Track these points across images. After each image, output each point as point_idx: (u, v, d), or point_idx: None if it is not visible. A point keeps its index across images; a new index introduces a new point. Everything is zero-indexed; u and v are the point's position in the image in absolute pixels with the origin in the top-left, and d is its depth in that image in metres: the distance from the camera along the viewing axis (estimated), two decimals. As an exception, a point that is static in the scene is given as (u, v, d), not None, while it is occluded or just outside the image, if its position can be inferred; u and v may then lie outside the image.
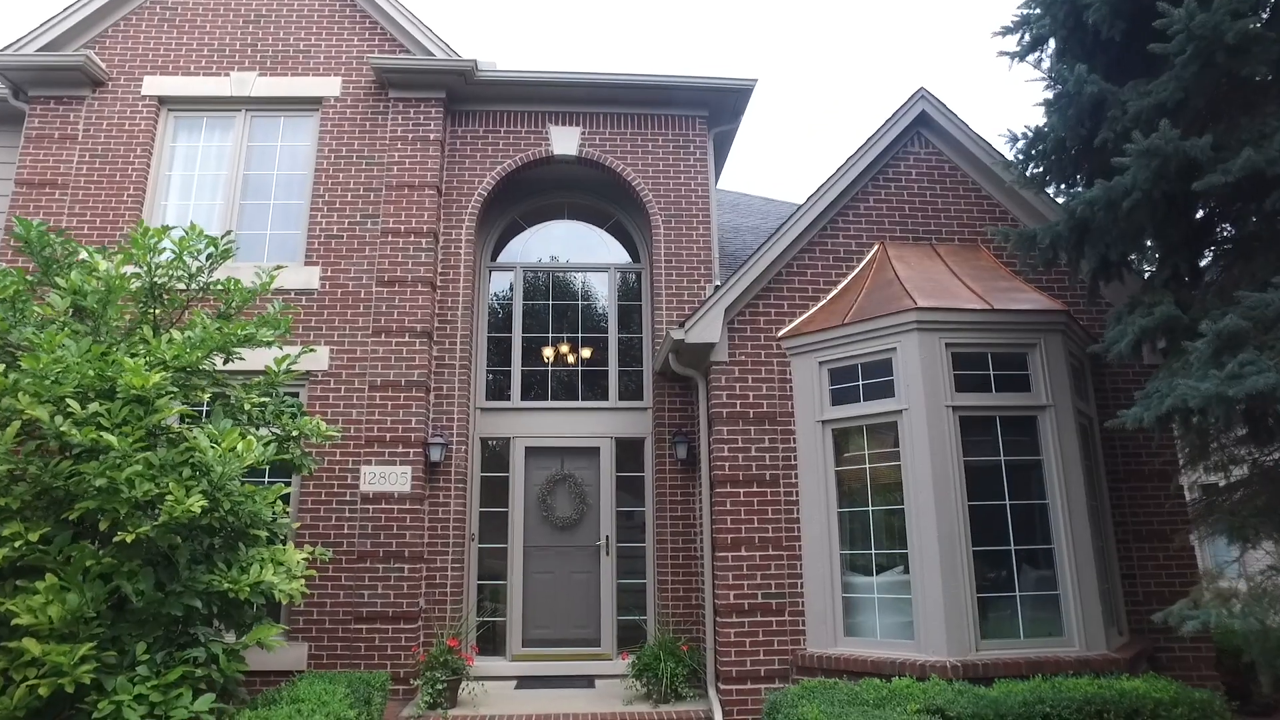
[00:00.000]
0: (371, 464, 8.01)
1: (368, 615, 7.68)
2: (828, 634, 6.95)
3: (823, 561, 7.09)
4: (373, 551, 7.81)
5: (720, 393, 7.52)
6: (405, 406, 8.15)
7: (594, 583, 8.75)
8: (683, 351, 7.73)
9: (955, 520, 6.57)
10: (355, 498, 7.96)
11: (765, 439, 7.45)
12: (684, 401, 8.69)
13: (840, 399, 7.33)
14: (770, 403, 7.53)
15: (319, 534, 7.84)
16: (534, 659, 8.48)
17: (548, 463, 9.04)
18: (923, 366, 6.85)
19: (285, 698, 5.65)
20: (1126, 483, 7.67)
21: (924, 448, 6.70)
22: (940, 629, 6.36)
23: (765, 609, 7.10)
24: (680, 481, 8.48)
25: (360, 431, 8.10)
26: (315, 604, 7.71)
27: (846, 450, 7.30)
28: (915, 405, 6.81)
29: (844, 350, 7.30)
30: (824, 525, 7.15)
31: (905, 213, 8.20)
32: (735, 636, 7.04)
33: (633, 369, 9.42)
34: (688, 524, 8.40)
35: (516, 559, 8.72)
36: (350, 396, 8.19)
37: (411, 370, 8.25)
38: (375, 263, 8.55)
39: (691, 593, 8.25)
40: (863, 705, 5.32)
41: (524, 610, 8.64)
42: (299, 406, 6.46)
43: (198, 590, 5.10)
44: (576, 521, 8.88)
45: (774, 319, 7.75)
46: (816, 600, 7.06)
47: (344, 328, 8.36)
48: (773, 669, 7.00)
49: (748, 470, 7.37)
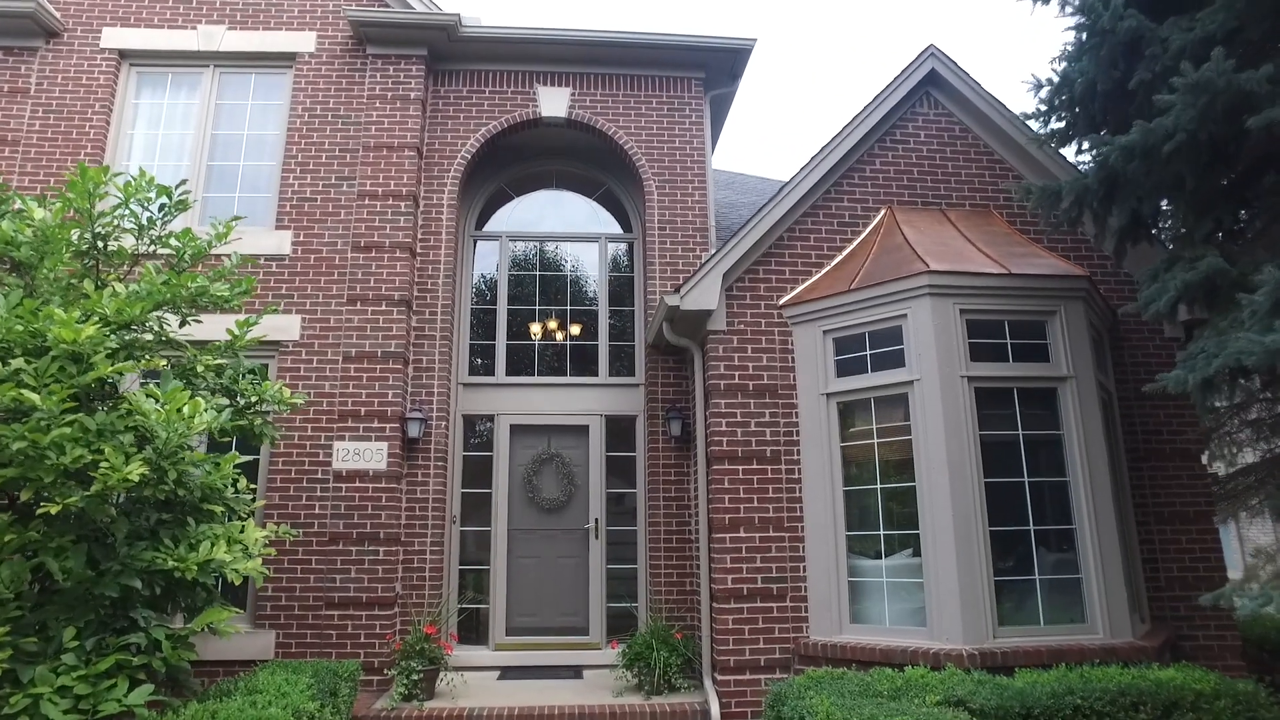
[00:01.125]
0: (345, 440, 7.42)
1: (340, 601, 7.10)
2: (832, 621, 6.41)
3: (827, 543, 6.55)
4: (346, 533, 7.23)
5: (718, 364, 6.97)
6: (382, 379, 7.57)
7: (582, 568, 8.20)
8: (677, 320, 7.17)
9: (971, 499, 6.04)
10: (327, 476, 7.37)
11: (765, 413, 6.90)
12: (678, 376, 8.13)
13: (846, 370, 6.78)
14: (771, 375, 6.98)
15: (288, 514, 7.25)
16: (518, 648, 7.92)
17: (534, 441, 8.47)
18: (936, 334, 6.31)
19: (241, 689, 5.08)
20: (1147, 462, 7.16)
21: (937, 421, 6.17)
22: (955, 615, 5.83)
23: (765, 594, 6.56)
24: (674, 460, 7.93)
25: (333, 405, 7.51)
26: (284, 589, 7.12)
27: (852, 425, 6.76)
28: (928, 376, 6.28)
29: (850, 318, 6.75)
30: (828, 505, 6.61)
31: (914, 176, 7.66)
32: (733, 624, 6.50)
33: (624, 343, 8.85)
34: (682, 505, 7.85)
35: (500, 543, 8.15)
36: (323, 368, 7.60)
37: (389, 341, 7.66)
38: (351, 227, 7.95)
39: (685, 578, 7.71)
40: (876, 697, 4.79)
41: (508, 597, 8.08)
42: (262, 371, 5.86)
43: (138, 569, 4.52)
44: (564, 503, 8.32)
45: (775, 286, 7.20)
46: (820, 585, 6.52)
47: (317, 295, 7.76)
48: (773, 658, 6.46)
49: (747, 446, 6.82)
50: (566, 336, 8.89)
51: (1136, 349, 7.38)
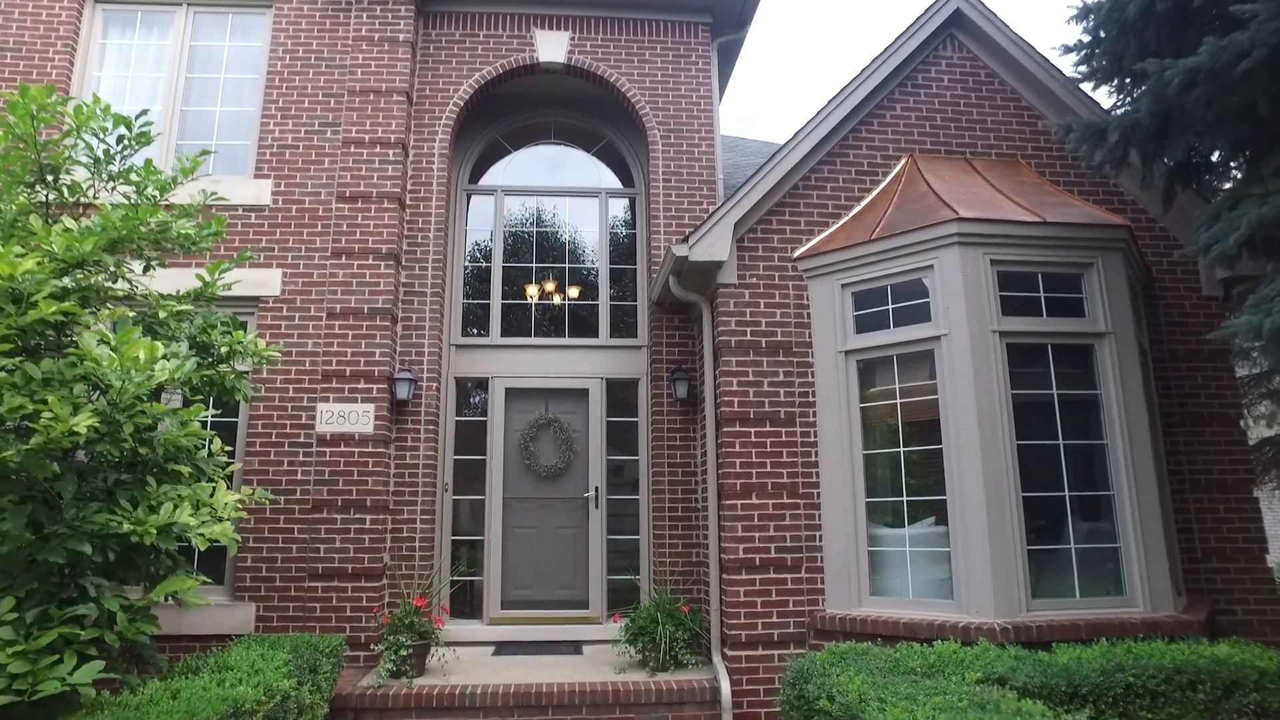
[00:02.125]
0: (329, 401, 6.89)
1: (324, 572, 6.60)
2: (851, 593, 5.94)
3: (845, 511, 6.07)
4: (330, 500, 6.72)
5: (728, 320, 6.44)
6: (368, 337, 7.03)
7: (582, 538, 7.71)
8: (685, 273, 6.63)
9: (1003, 462, 5.56)
10: (310, 439, 6.84)
11: (779, 372, 6.39)
12: (684, 336, 7.60)
13: (866, 326, 6.27)
14: (785, 331, 6.46)
15: (268, 479, 6.73)
16: (514, 622, 7.45)
17: (530, 406, 7.95)
18: (965, 286, 5.79)
19: (211, 665, 4.58)
20: (1183, 427, 6.68)
21: (967, 379, 5.67)
22: (986, 587, 5.36)
23: (779, 565, 6.08)
24: (679, 425, 7.42)
25: (317, 364, 6.97)
26: (264, 559, 6.62)
27: (873, 384, 6.25)
28: (956, 330, 5.77)
29: (871, 270, 6.23)
30: (847, 470, 6.12)
31: (936, 123, 7.10)
32: (745, 596, 6.02)
33: (625, 303, 8.31)
34: (687, 472, 7.35)
35: (495, 512, 7.65)
36: (305, 325, 7.05)
37: (375, 297, 7.11)
38: (335, 176, 7.38)
39: (692, 549, 7.22)
40: (909, 674, 4.31)
41: (503, 568, 7.59)
42: (234, 321, 5.32)
43: (88, 533, 3.99)
44: (562, 471, 7.82)
45: (789, 238, 6.66)
46: (837, 555, 6.04)
47: (299, 248, 7.20)
48: (787, 632, 5.99)
49: (759, 408, 6.31)
50: (565, 296, 8.35)
51: (1172, 307, 6.88)
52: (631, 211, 8.59)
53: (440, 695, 5.74)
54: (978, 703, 3.63)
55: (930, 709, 3.50)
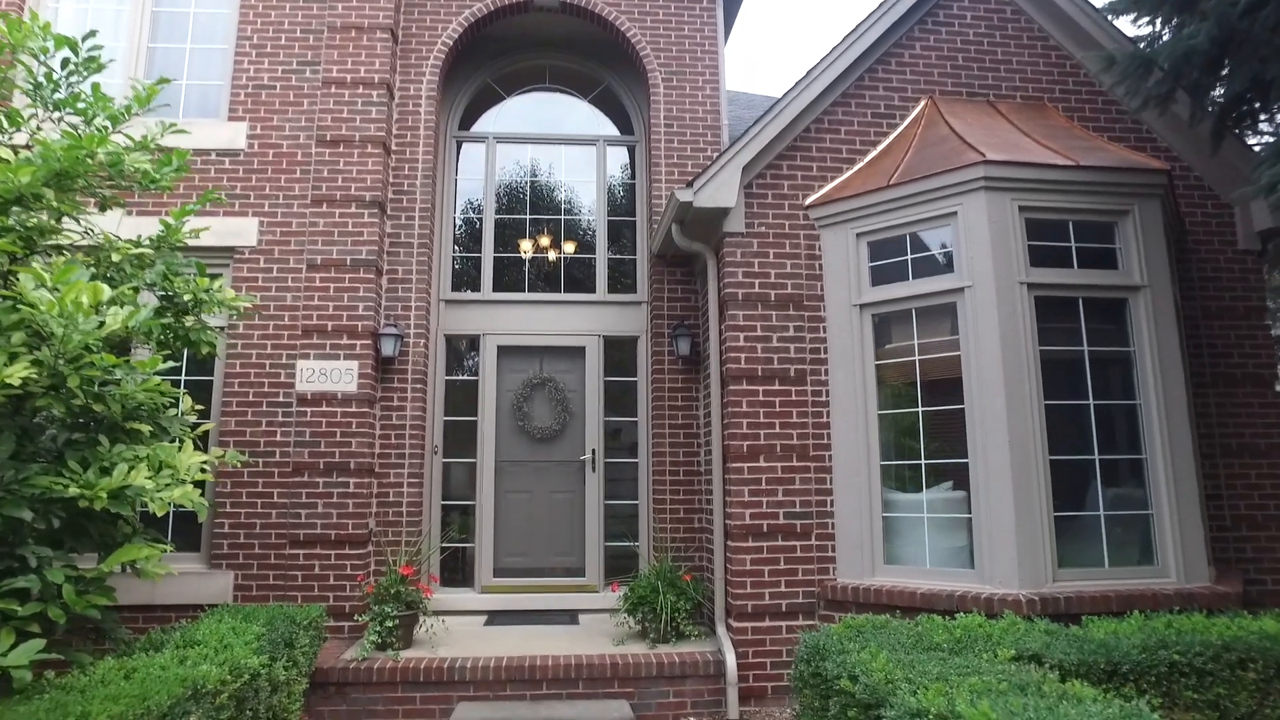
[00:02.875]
0: (310, 358, 6.44)
1: (306, 539, 6.20)
2: (864, 561, 5.56)
3: (858, 474, 5.67)
4: (311, 463, 6.30)
5: (735, 270, 5.99)
6: (351, 290, 6.56)
7: (578, 503, 7.32)
8: (689, 221, 6.16)
9: (1030, 423, 5.15)
10: (290, 399, 6.41)
11: (789, 327, 5.95)
12: (686, 290, 7.15)
13: (883, 278, 5.82)
14: (795, 283, 6.02)
15: (245, 441, 6.31)
16: (508, 591, 7.08)
17: (524, 365, 7.52)
18: (991, 234, 5.34)
19: (176, 640, 4.18)
20: (1214, 388, 6.27)
21: (992, 334, 5.24)
22: (1010, 556, 4.98)
23: (788, 531, 5.70)
24: (681, 384, 6.99)
25: (296, 319, 6.51)
26: (242, 525, 6.22)
27: (889, 340, 5.82)
28: (982, 282, 5.32)
29: (888, 218, 5.77)
30: (860, 431, 5.71)
31: (958, 63, 6.59)
32: (751, 564, 5.64)
33: (624, 257, 7.84)
34: (689, 434, 6.94)
35: (487, 476, 7.25)
36: (284, 277, 6.58)
37: (359, 248, 6.63)
38: (315, 119, 6.85)
39: (694, 514, 6.84)
40: (935, 651, 3.93)
41: (496, 535, 7.20)
42: (201, 268, 4.85)
43: (28, 497, 3.57)
44: (558, 433, 7.40)
45: (800, 184, 6.19)
46: (850, 521, 5.66)
47: (277, 195, 6.70)
48: (796, 603, 5.62)
49: (768, 364, 5.89)
50: (560, 250, 7.87)
51: (1205, 261, 6.44)
52: (631, 161, 8.08)
53: (428, 669, 5.37)
54: (1017, 684, 3.25)
55: (967, 692, 3.11)
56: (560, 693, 5.42)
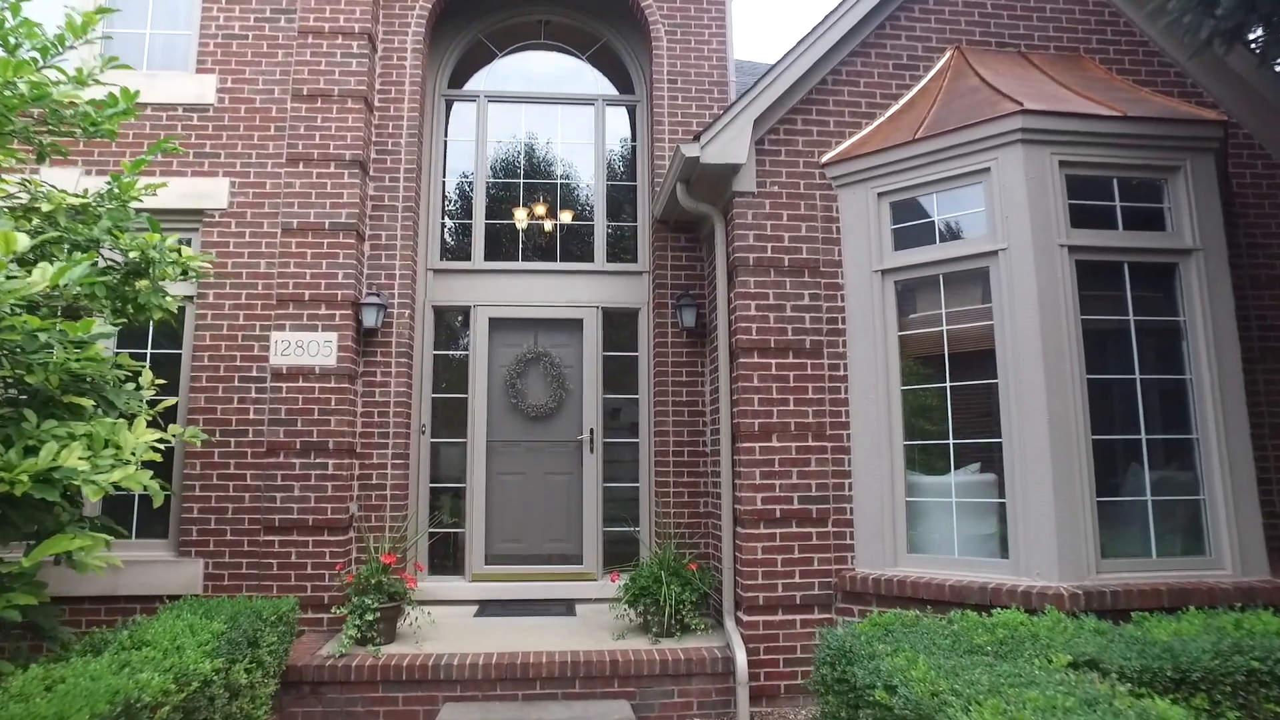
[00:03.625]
0: (285, 329, 5.92)
1: (282, 525, 5.70)
2: (885, 550, 5.06)
3: (879, 455, 5.16)
4: (287, 443, 5.79)
5: (746, 233, 5.45)
6: (330, 256, 6.02)
7: (575, 486, 6.81)
8: (696, 179, 5.62)
9: (1071, 400, 4.63)
10: (264, 373, 5.89)
11: (804, 295, 5.43)
12: (691, 258, 6.61)
13: (907, 241, 5.29)
14: (811, 248, 5.48)
15: (216, 419, 5.80)
16: (500, 579, 6.59)
17: (518, 338, 6.99)
18: (1029, 192, 4.80)
19: (121, 641, 3.69)
20: (1263, 363, 5.77)
21: (1029, 302, 4.71)
22: (1049, 545, 4.48)
23: (802, 517, 5.20)
24: (685, 358, 6.47)
25: (270, 287, 5.98)
26: (213, 509, 5.71)
27: (914, 309, 5.30)
28: (1018, 244, 4.79)
29: (913, 176, 5.23)
30: (882, 408, 5.20)
31: (986, 10, 6.02)
32: (763, 553, 5.15)
33: (625, 224, 7.29)
34: (695, 412, 6.42)
35: (478, 457, 6.73)
36: (258, 242, 6.04)
37: (338, 210, 6.09)
38: (290, 71, 6.28)
39: (699, 498, 6.33)
40: (977, 654, 3.43)
41: (488, 520, 6.70)
42: (154, 224, 4.31)
43: (-66, 480, 3.05)
44: (553, 411, 6.88)
45: (816, 140, 5.64)
46: (870, 506, 5.16)
47: (249, 154, 6.15)
48: (811, 595, 5.13)
49: (781, 336, 5.36)
50: (556, 217, 7.32)
51: (1255, 226, 5.91)
52: (631, 122, 7.51)
53: (411, 666, 4.89)
54: (1085, 700, 2.75)
55: (1030, 712, 2.61)
56: (555, 692, 4.93)
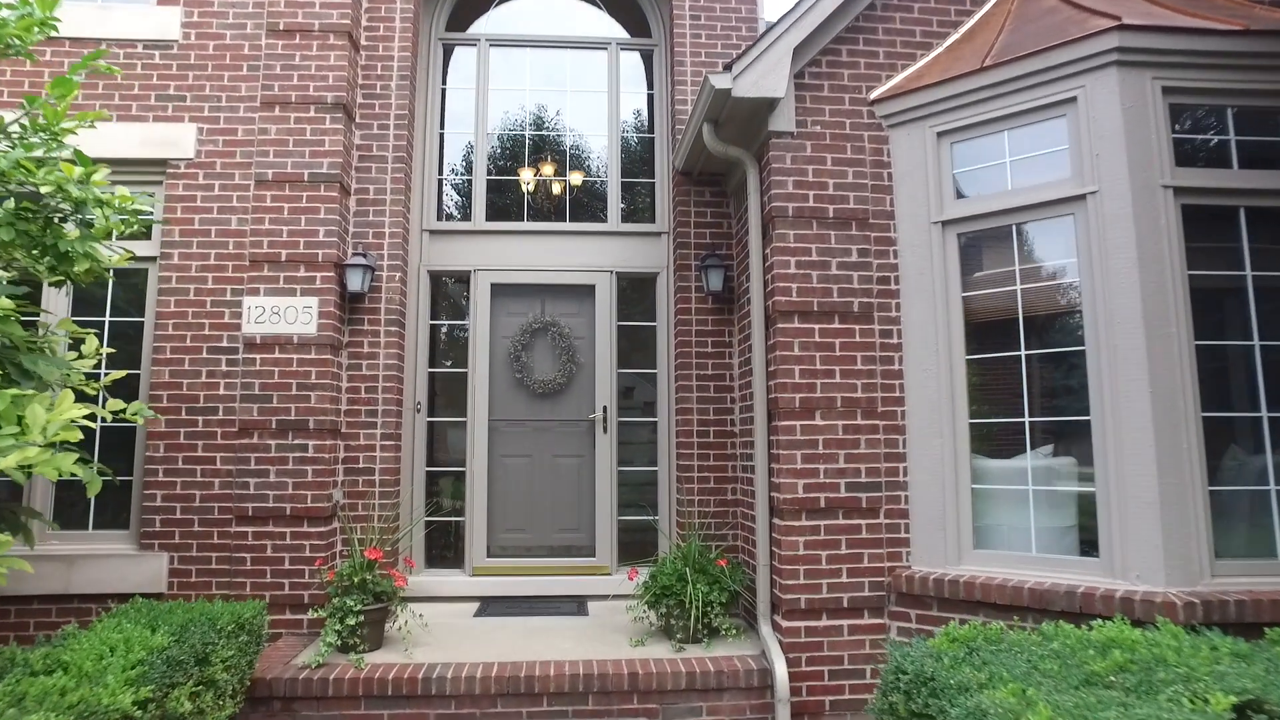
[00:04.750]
0: (259, 294, 5.16)
1: (256, 514, 4.97)
2: (947, 545, 4.28)
3: (940, 435, 4.37)
4: (262, 422, 5.05)
5: (784, 180, 4.64)
6: (310, 212, 5.25)
7: (587, 470, 6.05)
8: (726, 119, 4.80)
9: (1178, 369, 3.82)
10: (235, 343, 5.14)
11: (851, 250, 4.62)
12: (718, 215, 5.79)
13: (972, 187, 4.47)
14: (859, 196, 4.67)
15: (182, 395, 5.06)
16: (504, 573, 5.84)
17: (523, 306, 6.21)
18: (1126, 124, 3.97)
19: (30, 664, 2.95)
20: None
21: (1126, 253, 3.90)
22: (1153, 541, 3.70)
23: (850, 507, 4.42)
24: (712, 327, 5.68)
25: (243, 247, 5.22)
26: (179, 497, 4.99)
27: (980, 266, 4.49)
28: (1111, 186, 3.97)
29: (980, 110, 4.40)
30: (943, 380, 4.40)
31: (1057, -74, 5.15)
32: (805, 549, 4.37)
33: (641, 180, 6.48)
34: (721, 387, 5.63)
35: (479, 438, 5.98)
36: (228, 196, 5.28)
37: (319, 160, 5.31)
38: (265, 3, 5.49)
39: (726, 484, 5.56)
40: (1097, 686, 2.65)
41: (490, 508, 5.95)
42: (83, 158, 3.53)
43: None
44: (563, 387, 6.11)
45: (863, 74, 4.81)
46: (929, 494, 4.37)
47: (219, 97, 5.37)
48: (860, 596, 4.36)
49: (825, 297, 4.56)
50: (565, 172, 6.51)
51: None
52: (647, 70, 6.67)
53: (399, 679, 4.15)
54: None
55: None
56: (565, 709, 4.19)
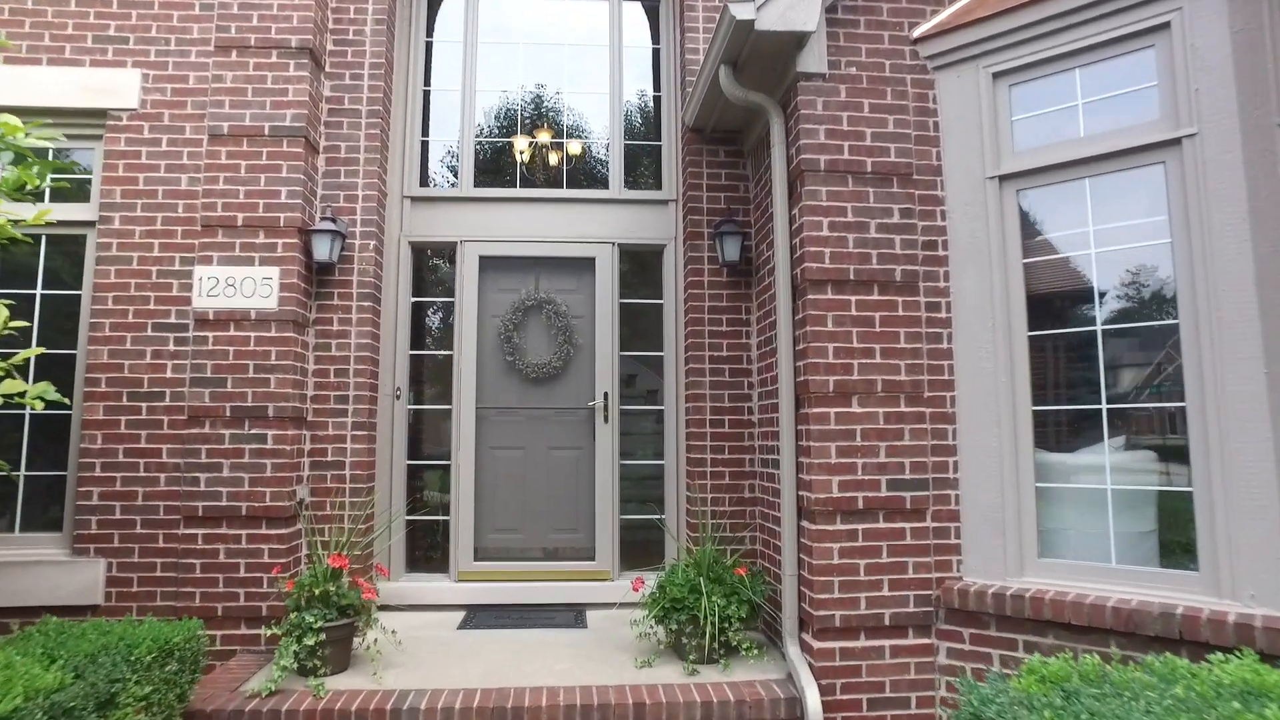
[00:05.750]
0: (213, 263, 4.46)
1: (207, 514, 4.28)
2: (1006, 553, 3.60)
3: (997, 424, 3.68)
4: (214, 409, 4.35)
5: (815, 129, 3.94)
6: (271, 170, 4.55)
7: (585, 464, 5.36)
8: (747, 59, 4.09)
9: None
10: (185, 319, 4.44)
11: (893, 210, 3.92)
12: (733, 177, 5.08)
13: (1034, 136, 3.77)
14: (900, 149, 3.96)
15: (123, 379, 4.37)
16: (492, 578, 5.16)
17: (515, 282, 5.50)
18: (1235, 52, 3.27)
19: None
20: None
21: (1234, 206, 3.20)
22: (1271, 553, 3.01)
23: (893, 508, 3.73)
24: (727, 303, 4.97)
25: (194, 210, 4.52)
26: (119, 494, 4.30)
27: (1044, 227, 3.79)
28: (1215, 127, 3.27)
29: (1046, 46, 3.69)
30: (1000, 360, 3.71)
31: None
32: (839, 557, 3.69)
33: (646, 143, 5.77)
34: (738, 370, 4.94)
35: (466, 428, 5.28)
36: (178, 152, 4.57)
37: (281, 111, 4.60)
38: (221, -64, 4.78)
39: (743, 480, 4.87)
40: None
41: (477, 506, 5.26)
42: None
43: None
44: (559, 371, 5.42)
45: (905, 9, 4.09)
46: (984, 493, 3.69)
47: (167, 39, 4.66)
48: (904, 612, 3.68)
49: (862, 264, 3.87)
50: (563, 134, 5.79)
51: None
52: (652, 24, 5.94)
53: (364, 710, 3.47)
54: None
55: None
56: (559, 746, 3.51)
